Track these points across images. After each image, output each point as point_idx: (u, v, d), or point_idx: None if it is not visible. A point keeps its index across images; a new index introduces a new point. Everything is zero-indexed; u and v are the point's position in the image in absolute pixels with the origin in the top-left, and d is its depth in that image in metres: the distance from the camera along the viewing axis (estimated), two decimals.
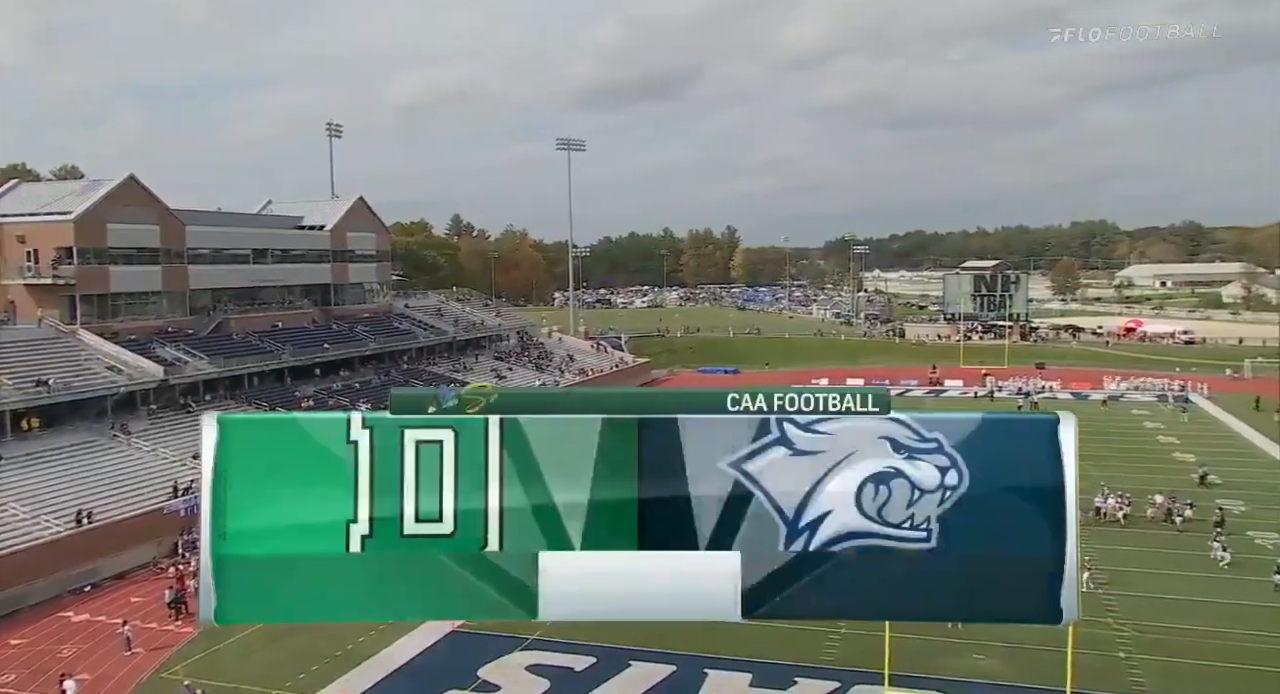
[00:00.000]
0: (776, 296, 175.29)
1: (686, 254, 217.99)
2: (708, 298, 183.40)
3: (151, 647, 27.09)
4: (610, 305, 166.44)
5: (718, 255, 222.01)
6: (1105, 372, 78.28)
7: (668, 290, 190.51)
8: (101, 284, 50.67)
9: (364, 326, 66.86)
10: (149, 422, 45.06)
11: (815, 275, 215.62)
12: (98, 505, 35.91)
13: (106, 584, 33.00)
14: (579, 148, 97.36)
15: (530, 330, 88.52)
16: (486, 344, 79.44)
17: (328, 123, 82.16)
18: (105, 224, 50.62)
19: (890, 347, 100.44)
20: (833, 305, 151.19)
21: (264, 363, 55.02)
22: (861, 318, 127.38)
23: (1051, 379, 76.18)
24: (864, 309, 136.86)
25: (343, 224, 69.63)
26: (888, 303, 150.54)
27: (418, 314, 75.72)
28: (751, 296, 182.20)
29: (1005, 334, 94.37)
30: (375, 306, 72.74)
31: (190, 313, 56.34)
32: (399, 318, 72.83)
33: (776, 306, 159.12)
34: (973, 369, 79.47)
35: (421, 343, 70.37)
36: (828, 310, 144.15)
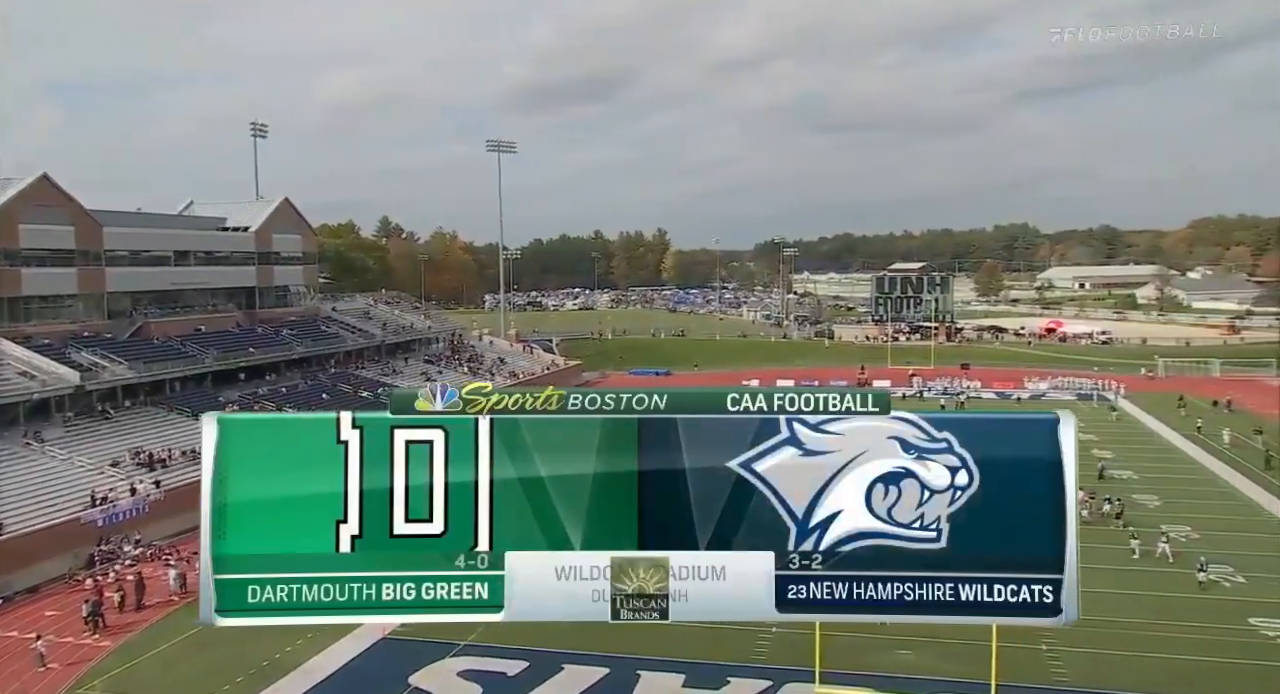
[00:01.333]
0: (707, 298, 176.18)
1: (618, 256, 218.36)
2: (639, 300, 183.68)
3: (67, 662, 26.19)
4: (541, 308, 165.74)
5: (649, 257, 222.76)
6: (1027, 372, 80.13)
7: (599, 292, 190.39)
8: (12, 287, 48.93)
9: (290, 330, 65.61)
10: (64, 429, 43.61)
11: (745, 277, 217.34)
12: (10, 516, 34.69)
13: (19, 598, 31.83)
14: (509, 149, 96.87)
15: (461, 333, 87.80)
16: (416, 347, 78.55)
17: (252, 122, 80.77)
18: (16, 225, 48.93)
19: (819, 348, 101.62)
20: (763, 307, 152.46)
21: (186, 368, 53.63)
22: (791, 319, 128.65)
23: (975, 379, 77.68)
24: (793, 311, 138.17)
25: (267, 226, 68.28)
26: (817, 304, 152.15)
27: (345, 317, 74.58)
28: (682, 298, 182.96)
29: (931, 335, 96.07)
30: (301, 310, 71.47)
31: (108, 317, 54.71)
32: (326, 321, 71.66)
33: (707, 308, 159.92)
34: (900, 369, 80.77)
35: (349, 346, 69.29)
36: (758, 312, 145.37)
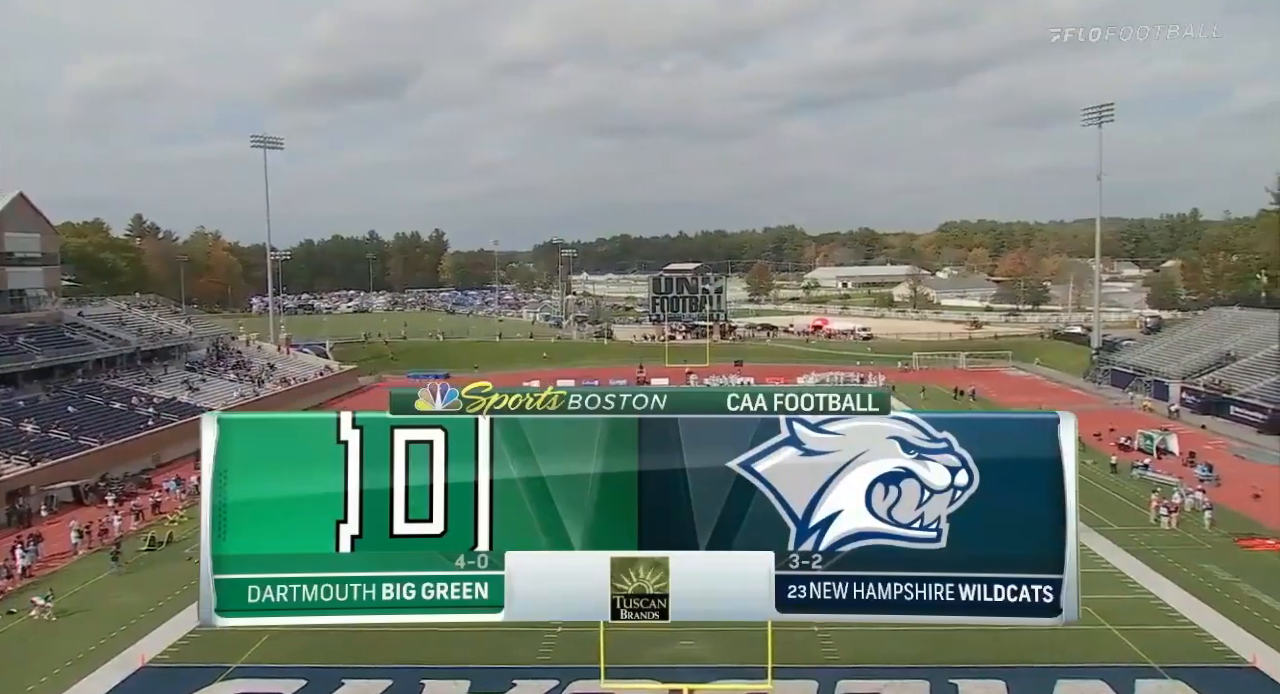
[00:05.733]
0: (486, 300, 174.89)
1: (394, 257, 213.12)
2: (416, 302, 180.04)
3: None
4: (314, 311, 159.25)
5: (426, 259, 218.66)
6: (797, 367, 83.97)
7: (374, 295, 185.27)
8: None
9: (29, 337, 60.00)
10: None
11: (525, 279, 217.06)
12: None
13: None
14: (276, 145, 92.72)
15: (226, 338, 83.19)
16: (176, 354, 73.56)
17: None
18: None
19: (599, 347, 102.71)
20: (543, 308, 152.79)
21: None
22: (571, 320, 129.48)
23: (749, 376, 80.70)
24: (573, 311, 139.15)
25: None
26: (596, 305, 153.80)
27: (95, 323, 68.99)
28: (461, 300, 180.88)
29: (706, 334, 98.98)
30: (42, 315, 65.60)
31: None
32: (72, 327, 66.06)
33: (486, 310, 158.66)
34: (677, 368, 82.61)
35: (100, 354, 64.04)
36: (538, 313, 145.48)
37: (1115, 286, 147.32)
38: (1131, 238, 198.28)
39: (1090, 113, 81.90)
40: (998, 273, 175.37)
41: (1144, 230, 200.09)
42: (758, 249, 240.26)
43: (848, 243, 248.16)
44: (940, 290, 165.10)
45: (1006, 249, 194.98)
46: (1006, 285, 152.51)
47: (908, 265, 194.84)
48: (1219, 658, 24.24)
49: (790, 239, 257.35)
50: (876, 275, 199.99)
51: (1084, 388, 76.06)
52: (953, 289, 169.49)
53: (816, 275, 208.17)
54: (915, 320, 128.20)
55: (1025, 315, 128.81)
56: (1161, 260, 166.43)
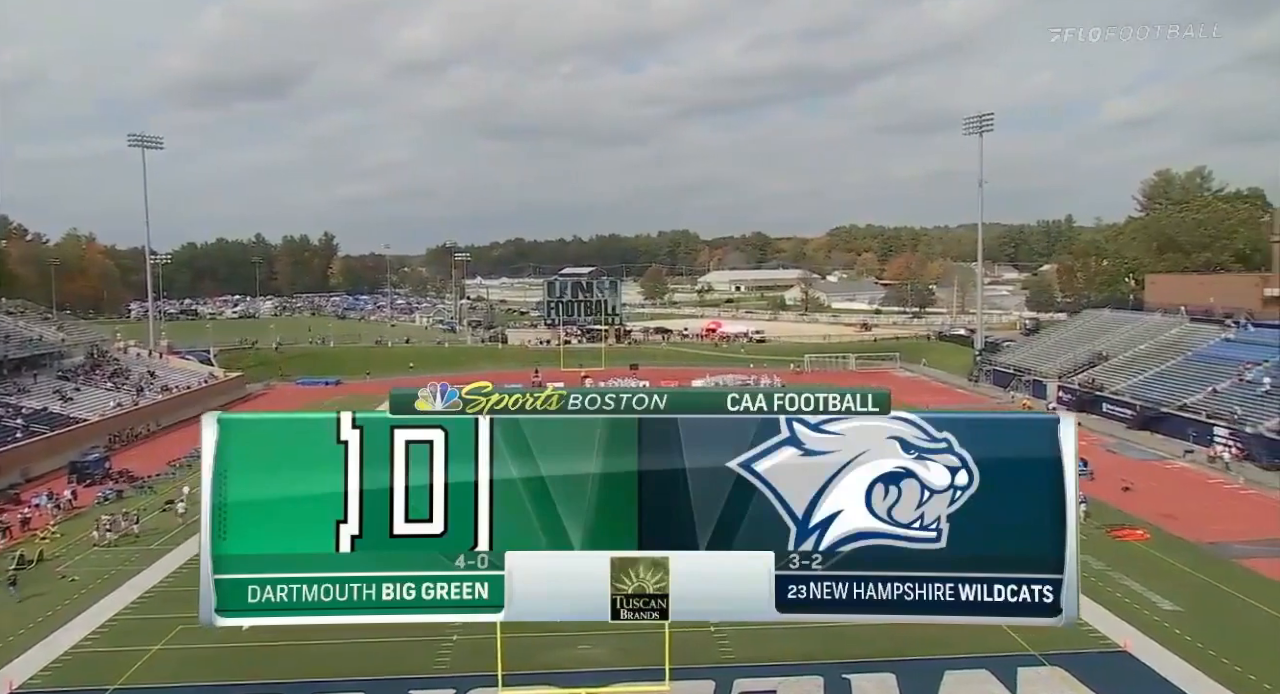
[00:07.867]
0: (378, 304, 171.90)
1: (281, 261, 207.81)
2: (305, 307, 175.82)
3: None
4: (197, 316, 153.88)
5: (315, 262, 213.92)
6: (692, 370, 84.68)
7: (261, 300, 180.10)
8: None
9: None
10: None
11: (418, 283, 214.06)
12: None
13: None
14: (154, 145, 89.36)
15: (102, 345, 79.78)
16: (47, 362, 70.21)
17: None
18: None
19: (494, 352, 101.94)
20: (436, 313, 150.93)
21: None
22: (465, 324, 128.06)
23: (644, 379, 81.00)
24: (467, 316, 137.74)
25: None
26: (490, 309, 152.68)
27: None
28: (352, 305, 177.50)
29: (601, 337, 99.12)
30: None
31: None
32: None
33: (379, 315, 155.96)
34: (573, 371, 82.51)
35: None
36: (431, 318, 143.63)
37: (996, 289, 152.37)
38: (1011, 242, 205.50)
39: (971, 122, 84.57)
40: (886, 276, 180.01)
41: (1023, 235, 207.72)
42: (653, 253, 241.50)
43: (741, 247, 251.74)
44: (831, 293, 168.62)
45: (894, 253, 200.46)
46: (894, 289, 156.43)
47: (799, 269, 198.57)
48: (1094, 644, 25.27)
49: (685, 243, 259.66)
50: (769, 279, 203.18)
51: (967, 388, 78.54)
52: (843, 292, 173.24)
53: (710, 279, 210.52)
54: (807, 323, 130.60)
55: (912, 317, 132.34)
56: (1039, 264, 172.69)
